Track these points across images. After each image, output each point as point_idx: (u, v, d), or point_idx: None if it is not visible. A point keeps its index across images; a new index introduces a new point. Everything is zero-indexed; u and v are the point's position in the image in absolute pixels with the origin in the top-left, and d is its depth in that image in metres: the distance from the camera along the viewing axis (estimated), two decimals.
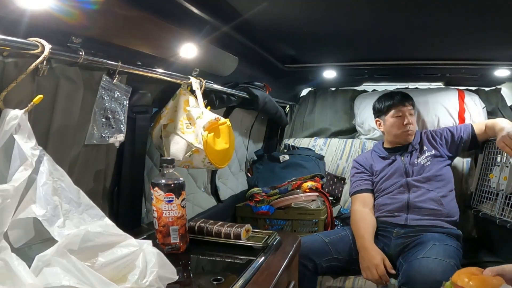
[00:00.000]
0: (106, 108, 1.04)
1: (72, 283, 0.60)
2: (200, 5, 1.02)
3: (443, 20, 1.25)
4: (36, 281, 0.59)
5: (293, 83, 2.46)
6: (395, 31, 1.42)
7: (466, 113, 2.11)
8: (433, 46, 1.64)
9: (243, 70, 1.65)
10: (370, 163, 1.87)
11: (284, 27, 1.35)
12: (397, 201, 1.70)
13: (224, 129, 1.30)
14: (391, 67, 2.00)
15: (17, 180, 0.70)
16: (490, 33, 1.38)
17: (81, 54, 0.87)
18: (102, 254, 0.71)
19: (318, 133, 2.50)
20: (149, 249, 0.76)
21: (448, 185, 1.73)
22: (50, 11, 0.75)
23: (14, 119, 0.74)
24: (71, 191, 0.78)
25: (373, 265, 1.47)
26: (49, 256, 0.63)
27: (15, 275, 0.59)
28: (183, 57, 1.20)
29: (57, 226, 0.71)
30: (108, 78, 1.02)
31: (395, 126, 1.81)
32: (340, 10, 1.18)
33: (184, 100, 1.31)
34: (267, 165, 2.27)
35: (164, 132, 1.33)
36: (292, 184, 2.02)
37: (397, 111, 1.81)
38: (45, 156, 0.77)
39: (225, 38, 1.27)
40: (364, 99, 2.35)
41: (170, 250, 1.03)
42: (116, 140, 1.08)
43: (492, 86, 2.26)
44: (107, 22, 0.91)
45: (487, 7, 1.11)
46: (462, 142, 1.80)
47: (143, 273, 0.71)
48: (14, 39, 0.72)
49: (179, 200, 1.00)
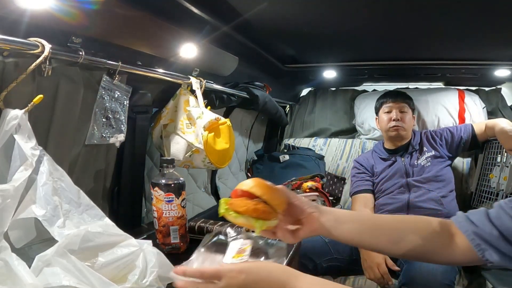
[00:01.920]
0: (106, 108, 1.04)
1: (72, 283, 0.60)
2: (200, 5, 1.02)
3: (443, 20, 1.25)
4: (36, 281, 0.59)
5: (293, 83, 2.46)
6: (395, 31, 1.42)
7: (466, 113, 2.11)
8: (433, 46, 1.64)
9: (243, 70, 1.65)
10: (371, 163, 1.87)
11: (284, 27, 1.35)
12: (397, 201, 1.70)
13: (224, 129, 1.30)
14: (391, 67, 2.00)
15: (17, 180, 0.70)
16: (490, 33, 1.38)
17: (81, 54, 0.87)
18: (102, 254, 0.71)
19: (318, 133, 2.50)
20: (149, 249, 0.76)
21: (449, 185, 1.73)
22: (50, 11, 0.75)
23: (14, 119, 0.74)
24: (71, 191, 0.78)
25: (375, 264, 1.47)
26: (49, 256, 0.63)
27: (15, 275, 0.59)
28: (183, 57, 1.20)
29: (57, 226, 0.71)
30: (108, 78, 1.02)
31: (384, 122, 1.82)
32: (340, 10, 1.18)
33: (184, 100, 1.31)
34: (267, 165, 2.27)
35: (164, 132, 1.33)
36: (292, 184, 2.02)
37: (387, 107, 1.83)
38: (45, 156, 0.77)
39: (225, 38, 1.27)
40: (364, 99, 2.36)
41: (170, 250, 1.03)
42: (116, 140, 1.08)
43: (492, 86, 2.26)
44: (107, 22, 0.91)
45: (487, 7, 1.11)
46: (462, 142, 1.80)
47: (143, 273, 0.72)
48: (14, 39, 0.72)
49: (179, 200, 1.00)
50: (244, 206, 0.70)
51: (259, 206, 0.69)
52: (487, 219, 0.69)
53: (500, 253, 0.67)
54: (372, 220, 0.78)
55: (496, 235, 0.67)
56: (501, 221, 0.67)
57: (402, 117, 1.79)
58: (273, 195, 0.71)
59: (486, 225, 0.69)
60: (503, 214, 0.68)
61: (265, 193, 0.70)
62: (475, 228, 0.70)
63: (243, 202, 0.71)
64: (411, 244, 0.74)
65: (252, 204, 0.69)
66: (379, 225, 0.76)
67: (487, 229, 0.68)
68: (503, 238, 0.66)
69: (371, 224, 0.77)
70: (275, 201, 0.71)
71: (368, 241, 0.76)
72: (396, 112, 1.79)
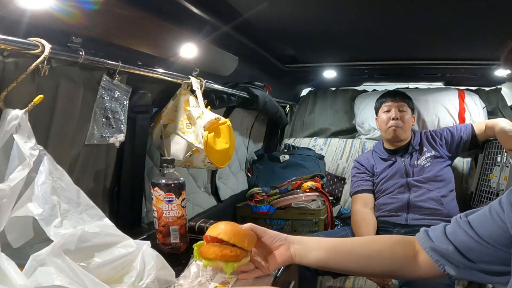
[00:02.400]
0: (106, 108, 1.04)
1: (64, 283, 0.59)
2: (200, 5, 1.02)
3: (443, 20, 1.25)
4: (27, 282, 0.58)
5: (293, 83, 2.46)
6: (395, 31, 1.42)
7: (466, 113, 2.11)
8: (433, 46, 1.64)
9: (243, 70, 1.64)
10: (371, 163, 1.87)
11: (284, 27, 1.35)
12: (397, 201, 1.70)
13: (224, 129, 1.30)
14: (391, 67, 2.00)
15: (14, 179, 0.70)
16: (490, 33, 1.38)
17: (81, 54, 0.87)
18: (99, 255, 0.70)
19: (318, 133, 2.50)
20: (148, 250, 0.75)
21: (449, 185, 1.73)
22: (50, 11, 0.75)
23: (14, 119, 0.74)
24: (70, 191, 0.78)
25: None
26: (43, 255, 0.62)
27: (5, 275, 0.58)
28: (183, 57, 1.20)
29: (53, 226, 0.69)
30: (108, 78, 1.02)
31: (383, 121, 1.82)
32: (340, 10, 1.18)
33: (185, 100, 1.31)
34: (267, 165, 2.27)
35: (164, 132, 1.33)
36: (292, 184, 2.02)
37: (386, 106, 1.83)
38: (45, 156, 0.76)
39: (225, 38, 1.27)
40: (364, 99, 2.36)
41: (170, 250, 1.03)
42: (116, 140, 1.08)
43: (492, 86, 2.26)
44: (107, 22, 0.91)
45: (487, 7, 1.11)
46: (462, 142, 1.80)
47: (140, 275, 0.70)
48: (14, 39, 0.72)
49: (179, 200, 1.00)
50: (212, 254, 0.78)
51: (226, 251, 0.77)
52: (444, 235, 0.73)
53: (456, 267, 0.70)
54: (337, 245, 0.81)
55: (452, 250, 0.70)
56: (456, 236, 0.71)
57: (401, 116, 1.79)
58: (240, 238, 0.78)
59: (443, 241, 0.72)
60: (458, 229, 0.71)
61: (232, 238, 0.78)
62: (433, 244, 0.73)
63: (211, 249, 0.79)
64: (377, 266, 0.78)
65: (219, 250, 0.78)
66: (345, 251, 0.80)
67: (444, 245, 0.71)
68: (459, 253, 0.69)
69: (336, 250, 0.80)
70: (243, 243, 0.78)
71: (334, 267, 0.80)
72: (395, 110, 1.79)
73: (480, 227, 0.68)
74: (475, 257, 0.67)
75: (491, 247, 0.65)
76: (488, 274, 0.67)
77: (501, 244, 0.64)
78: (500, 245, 0.64)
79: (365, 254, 0.78)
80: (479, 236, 0.67)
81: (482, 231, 0.67)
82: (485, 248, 0.66)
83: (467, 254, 0.68)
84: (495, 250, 0.65)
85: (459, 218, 0.73)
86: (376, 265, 0.78)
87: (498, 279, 0.67)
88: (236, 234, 0.79)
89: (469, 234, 0.68)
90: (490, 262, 0.66)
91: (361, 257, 0.79)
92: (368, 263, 0.78)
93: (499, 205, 0.66)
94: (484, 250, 0.66)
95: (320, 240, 0.83)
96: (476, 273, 0.68)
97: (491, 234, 0.65)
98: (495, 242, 0.65)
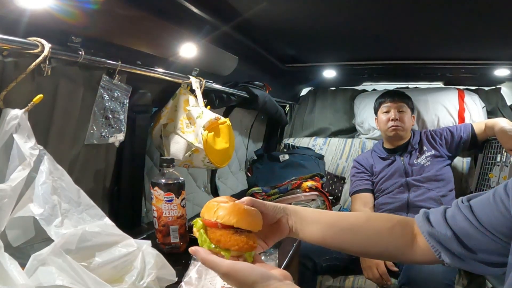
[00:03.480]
0: (106, 108, 1.04)
1: (65, 282, 0.59)
2: (200, 4, 1.02)
3: (443, 19, 1.25)
4: (28, 281, 0.58)
5: (293, 82, 2.46)
6: (395, 31, 1.42)
7: (466, 113, 2.11)
8: (433, 45, 1.63)
9: (243, 70, 1.64)
10: (370, 163, 1.87)
11: (284, 27, 1.35)
12: (397, 201, 1.70)
13: (224, 129, 1.30)
14: (391, 66, 2.00)
15: (14, 179, 0.70)
16: (490, 33, 1.38)
17: (81, 54, 0.87)
18: (100, 254, 0.70)
19: (318, 132, 2.50)
20: (148, 250, 0.75)
21: (448, 185, 1.73)
22: (50, 11, 0.75)
23: (14, 118, 0.74)
24: (71, 191, 0.78)
25: (374, 264, 1.47)
26: (44, 255, 0.62)
27: (7, 275, 0.59)
28: (183, 57, 1.20)
29: (54, 226, 0.70)
30: (108, 77, 1.02)
31: (383, 122, 1.82)
32: (340, 9, 1.18)
33: (184, 99, 1.31)
34: (267, 165, 2.27)
35: (164, 131, 1.33)
36: (292, 183, 2.02)
37: (385, 107, 1.83)
38: (45, 156, 0.76)
39: (225, 37, 1.27)
40: (364, 99, 2.36)
41: (170, 249, 1.03)
42: (116, 139, 1.08)
43: (492, 86, 2.26)
44: (107, 22, 0.91)
45: (487, 7, 1.11)
46: (462, 141, 1.80)
47: (141, 275, 0.71)
48: (14, 39, 0.72)
49: (179, 200, 1.00)
50: (235, 245, 0.65)
51: (248, 241, 0.65)
52: (443, 219, 0.70)
53: (452, 254, 0.67)
54: (336, 221, 0.77)
55: (450, 236, 0.67)
56: (455, 221, 0.68)
57: (401, 116, 1.79)
58: (256, 224, 0.67)
59: (442, 226, 0.69)
60: (458, 214, 0.68)
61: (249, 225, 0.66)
62: (431, 228, 0.70)
63: (231, 238, 0.66)
64: (373, 247, 0.75)
65: (240, 239, 0.65)
66: (342, 227, 0.76)
67: (442, 230, 0.68)
68: (456, 239, 0.66)
69: (334, 225, 0.76)
70: (257, 227, 0.68)
71: (330, 242, 0.76)
72: (394, 111, 1.80)
73: (482, 213, 0.65)
74: (472, 245, 0.65)
75: (490, 235, 0.63)
76: (483, 263, 0.66)
77: (501, 233, 0.62)
78: (500, 234, 0.62)
79: (363, 234, 0.75)
80: (479, 222, 0.64)
81: (483, 218, 0.64)
82: (484, 236, 0.64)
83: (465, 241, 0.66)
84: (494, 238, 0.63)
85: (460, 202, 0.70)
86: (372, 246, 0.75)
87: (492, 270, 0.65)
88: (252, 221, 0.67)
89: (470, 219, 0.66)
90: (487, 251, 0.65)
91: (359, 236, 0.75)
92: (365, 243, 0.75)
93: (504, 190, 0.63)
94: (482, 238, 0.64)
95: (320, 213, 0.78)
96: (471, 262, 0.66)
97: (492, 221, 0.63)
98: (495, 230, 0.63)
